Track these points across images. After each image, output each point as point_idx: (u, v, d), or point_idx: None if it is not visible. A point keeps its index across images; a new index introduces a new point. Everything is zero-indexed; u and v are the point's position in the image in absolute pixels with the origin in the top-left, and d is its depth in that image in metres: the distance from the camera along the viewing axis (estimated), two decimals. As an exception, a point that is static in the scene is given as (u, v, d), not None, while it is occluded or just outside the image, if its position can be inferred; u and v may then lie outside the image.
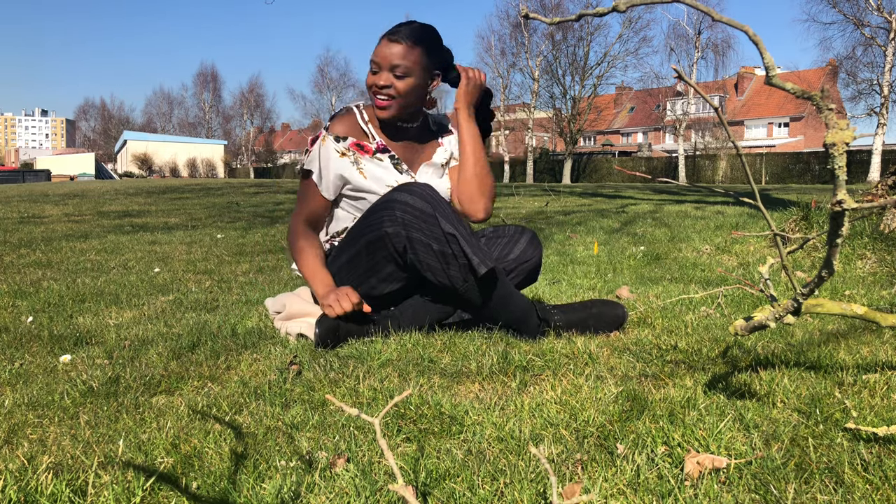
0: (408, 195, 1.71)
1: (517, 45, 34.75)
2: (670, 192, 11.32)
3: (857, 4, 25.69)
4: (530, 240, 1.93)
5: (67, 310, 2.29)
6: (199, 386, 1.44)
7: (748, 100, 49.23)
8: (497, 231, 1.95)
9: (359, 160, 1.89)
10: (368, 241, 1.78)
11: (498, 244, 1.91)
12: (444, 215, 1.69)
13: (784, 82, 1.00)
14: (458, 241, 1.67)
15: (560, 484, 0.96)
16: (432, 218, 1.68)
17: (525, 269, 1.91)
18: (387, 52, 1.82)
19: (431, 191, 1.73)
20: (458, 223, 1.70)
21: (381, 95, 1.84)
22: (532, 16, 1.14)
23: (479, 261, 1.67)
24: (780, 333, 1.76)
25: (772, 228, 1.09)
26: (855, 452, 1.03)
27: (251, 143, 56.07)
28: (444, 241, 1.68)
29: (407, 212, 1.69)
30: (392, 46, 1.82)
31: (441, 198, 1.74)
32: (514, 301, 1.77)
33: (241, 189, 13.97)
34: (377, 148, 1.90)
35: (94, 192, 13.47)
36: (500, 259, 1.88)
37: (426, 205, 1.69)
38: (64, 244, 4.42)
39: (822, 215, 3.48)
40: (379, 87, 1.84)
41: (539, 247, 1.95)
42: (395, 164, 1.91)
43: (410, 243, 1.70)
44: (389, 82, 1.83)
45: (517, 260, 1.90)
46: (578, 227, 4.99)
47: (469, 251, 1.67)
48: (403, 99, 1.85)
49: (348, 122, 1.92)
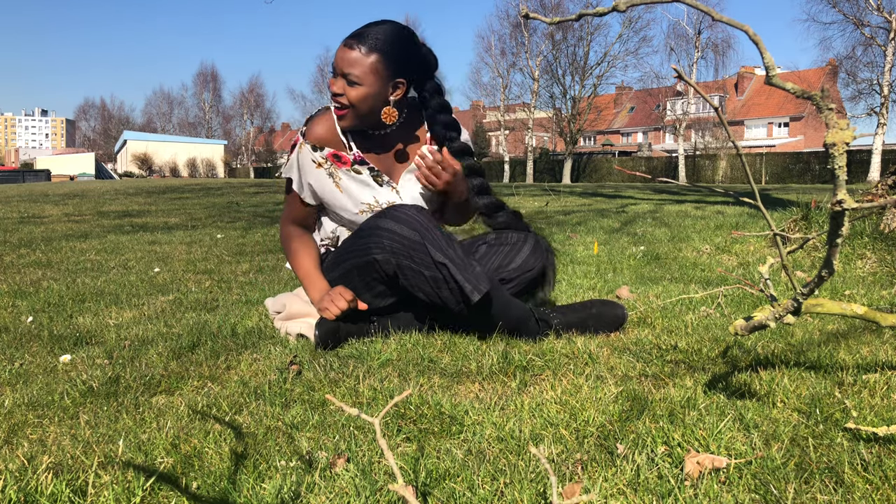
0: (394, 223, 1.64)
1: (517, 45, 34.78)
2: (670, 191, 11.33)
3: (856, 4, 25.70)
4: (533, 248, 1.85)
5: (67, 310, 2.29)
6: (199, 386, 1.44)
7: (748, 99, 49.22)
8: (500, 238, 1.87)
9: (335, 172, 1.81)
10: (356, 265, 1.74)
11: (500, 252, 1.85)
12: (433, 242, 1.62)
13: (784, 82, 1.00)
14: (449, 268, 1.61)
15: (560, 484, 0.96)
16: (421, 246, 1.62)
17: (527, 278, 1.85)
18: (340, 57, 1.72)
19: (419, 215, 1.66)
20: (448, 248, 1.63)
21: (335, 103, 1.75)
22: (532, 16, 1.14)
23: (471, 288, 1.60)
24: (780, 333, 1.76)
25: (772, 228, 1.09)
26: (855, 452, 1.03)
27: (251, 143, 56.09)
28: (434, 269, 1.62)
29: (395, 240, 1.63)
30: (346, 52, 1.71)
31: (429, 222, 1.66)
32: (512, 311, 1.72)
33: (241, 189, 13.97)
34: (355, 159, 1.81)
35: (93, 192, 13.48)
36: (501, 268, 1.83)
37: (414, 233, 1.62)
38: (64, 244, 4.42)
39: (822, 215, 3.48)
40: (333, 94, 1.75)
41: (542, 254, 1.86)
42: (375, 177, 1.83)
43: (401, 270, 1.65)
44: (342, 90, 1.73)
45: (519, 269, 1.84)
46: (578, 227, 4.99)
47: (461, 279, 1.60)
48: (356, 108, 1.74)
49: (325, 127, 1.81)
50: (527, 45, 34.01)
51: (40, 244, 4.41)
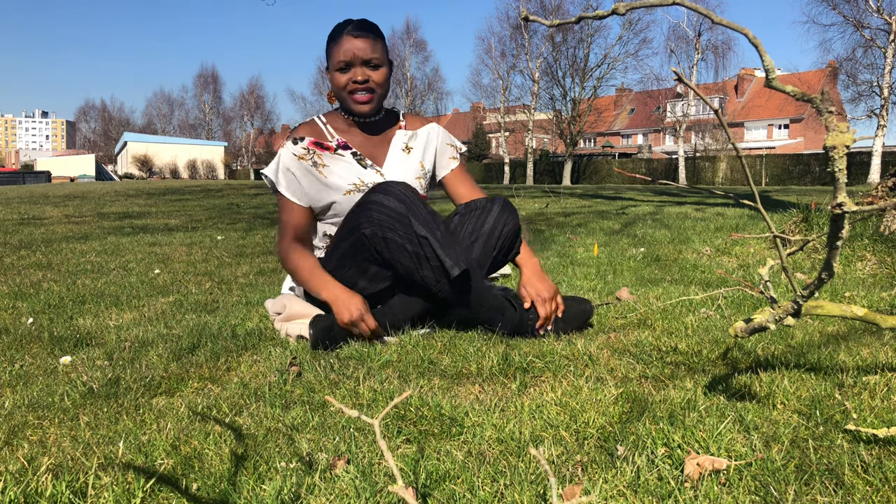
0: (382, 195, 1.71)
1: (517, 47, 34.80)
2: (670, 193, 11.33)
3: (856, 6, 25.72)
4: (502, 208, 1.87)
5: (68, 311, 2.29)
6: (200, 387, 1.44)
7: (748, 101, 49.24)
8: (468, 206, 1.89)
9: (318, 159, 1.89)
10: (350, 244, 1.78)
11: (471, 217, 1.87)
12: (418, 216, 1.68)
13: (784, 85, 1.00)
14: (431, 243, 1.66)
15: (560, 485, 0.96)
16: (406, 218, 1.67)
17: (507, 233, 1.85)
18: (358, 47, 1.83)
19: (407, 190, 1.72)
20: (431, 224, 1.69)
21: (362, 91, 1.85)
22: (532, 18, 1.14)
23: (451, 263, 1.65)
24: (780, 335, 1.76)
25: (772, 230, 1.09)
26: (855, 454, 1.03)
27: (251, 145, 56.10)
28: (417, 244, 1.67)
29: (382, 212, 1.69)
30: (361, 41, 1.83)
31: (416, 198, 1.72)
32: (489, 298, 1.77)
33: (242, 190, 13.97)
34: (338, 145, 1.92)
35: (94, 193, 13.48)
36: (475, 231, 1.84)
37: (400, 205, 1.68)
38: (64, 246, 4.42)
39: (822, 217, 3.48)
40: (359, 83, 1.84)
41: (513, 212, 1.88)
42: (359, 161, 1.92)
43: (385, 243, 1.69)
44: (366, 76, 1.84)
45: (493, 227, 1.84)
46: (579, 229, 4.99)
47: (441, 254, 1.66)
48: (381, 90, 1.88)
49: (308, 128, 1.95)
50: (527, 47, 34.05)
51: (41, 246, 4.41)
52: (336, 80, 1.87)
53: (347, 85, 1.85)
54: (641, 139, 51.71)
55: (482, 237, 1.84)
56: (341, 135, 1.95)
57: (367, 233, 1.71)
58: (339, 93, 1.89)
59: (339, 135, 1.95)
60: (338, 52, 1.84)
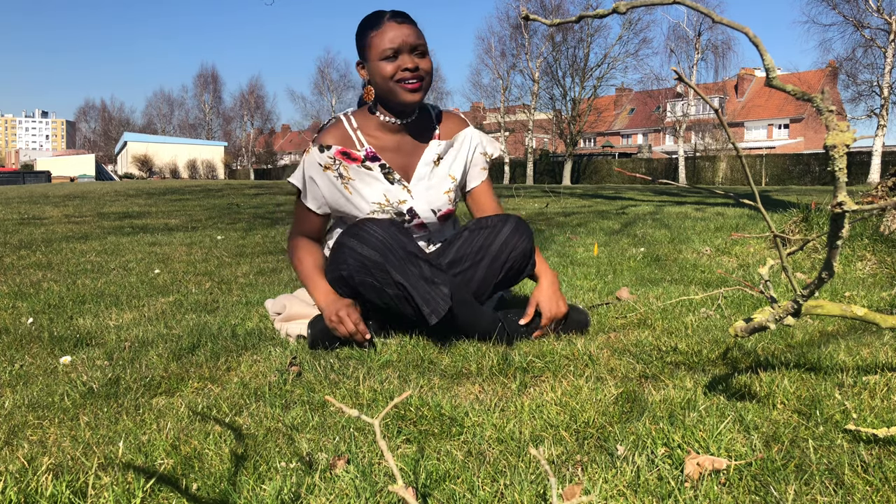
0: (357, 242, 1.65)
1: (517, 47, 34.78)
2: (671, 193, 11.33)
3: (856, 6, 25.72)
4: (514, 227, 1.79)
5: (68, 311, 2.29)
6: (200, 387, 1.44)
7: (748, 101, 49.24)
8: (479, 223, 1.83)
9: (344, 171, 1.80)
10: (334, 278, 1.76)
11: (481, 234, 1.81)
12: (394, 262, 1.62)
13: (785, 84, 1.00)
14: (408, 290, 1.61)
15: (560, 485, 0.96)
16: (381, 266, 1.62)
17: (515, 256, 1.79)
18: (405, 33, 1.72)
19: (384, 233, 1.65)
20: (410, 268, 1.62)
21: (412, 79, 1.73)
22: (532, 17, 1.14)
23: (429, 311, 1.60)
24: (780, 335, 1.76)
25: (772, 230, 1.09)
26: (855, 454, 1.03)
27: (251, 145, 56.07)
28: (395, 286, 1.63)
29: (357, 259, 1.64)
30: (407, 28, 1.73)
31: (394, 240, 1.64)
32: (481, 323, 1.73)
33: (242, 190, 13.97)
34: (366, 156, 1.81)
35: (94, 193, 13.48)
36: (483, 248, 1.79)
37: (374, 253, 1.62)
38: (64, 245, 4.42)
39: (823, 217, 3.48)
40: (410, 71, 1.72)
41: (526, 232, 1.81)
42: (387, 174, 1.82)
43: (364, 286, 1.67)
44: (415, 63, 1.73)
45: (503, 247, 1.78)
46: (579, 229, 4.99)
47: (420, 301, 1.60)
48: (429, 78, 1.78)
49: (336, 133, 1.82)
50: (527, 46, 34.04)
51: (41, 246, 4.41)
52: (381, 70, 1.73)
53: (396, 73, 1.72)
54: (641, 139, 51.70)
55: (489, 256, 1.79)
56: (371, 141, 1.83)
57: (345, 275, 1.69)
58: (384, 84, 1.74)
59: (369, 141, 1.83)
60: (382, 40, 1.72)
